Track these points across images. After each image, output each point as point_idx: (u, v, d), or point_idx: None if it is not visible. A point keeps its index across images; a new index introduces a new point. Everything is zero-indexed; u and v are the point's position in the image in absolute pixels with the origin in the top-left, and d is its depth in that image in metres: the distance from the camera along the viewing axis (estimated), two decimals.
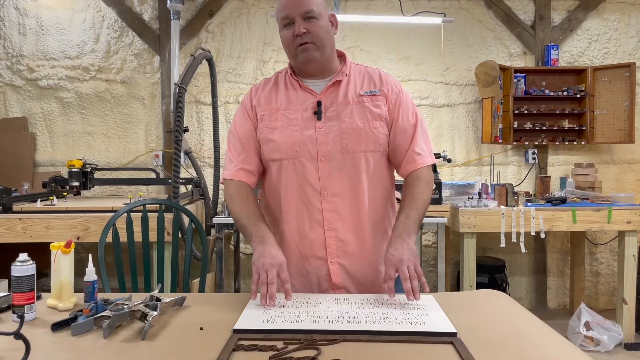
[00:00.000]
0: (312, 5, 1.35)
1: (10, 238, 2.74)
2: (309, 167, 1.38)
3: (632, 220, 3.20)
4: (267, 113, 1.42)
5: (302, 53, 1.37)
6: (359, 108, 1.39)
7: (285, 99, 1.42)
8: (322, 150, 1.37)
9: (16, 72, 3.90)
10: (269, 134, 1.41)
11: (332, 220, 1.39)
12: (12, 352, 0.95)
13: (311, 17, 1.35)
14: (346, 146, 1.37)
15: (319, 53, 1.38)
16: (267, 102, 1.44)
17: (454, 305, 1.24)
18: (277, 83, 1.47)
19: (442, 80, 3.98)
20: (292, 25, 1.36)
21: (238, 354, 0.96)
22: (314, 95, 1.41)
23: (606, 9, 3.96)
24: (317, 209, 1.39)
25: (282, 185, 1.42)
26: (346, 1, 3.92)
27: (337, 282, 1.42)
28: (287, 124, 1.39)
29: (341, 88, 1.42)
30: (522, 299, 4.01)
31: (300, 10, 1.34)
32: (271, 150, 1.41)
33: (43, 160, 3.92)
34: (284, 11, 1.36)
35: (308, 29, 1.34)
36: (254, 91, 1.49)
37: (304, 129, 1.38)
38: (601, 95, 3.81)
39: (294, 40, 1.36)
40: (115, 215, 1.99)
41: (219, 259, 3.12)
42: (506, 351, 0.97)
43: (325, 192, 1.38)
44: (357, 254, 1.42)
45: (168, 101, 3.83)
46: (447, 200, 3.39)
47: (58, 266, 1.27)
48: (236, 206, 1.43)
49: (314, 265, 1.42)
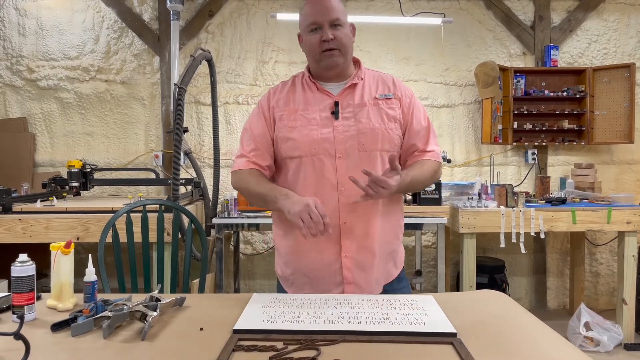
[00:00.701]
0: (339, 14, 1.45)
1: (10, 238, 2.74)
2: (327, 164, 1.43)
3: (632, 220, 3.20)
4: (286, 113, 1.49)
5: (327, 58, 1.45)
6: (375, 110, 1.47)
7: (303, 100, 1.49)
8: (340, 148, 1.43)
9: (16, 72, 3.90)
10: (288, 132, 1.46)
11: (348, 216, 1.44)
12: (12, 352, 0.95)
13: (337, 24, 1.44)
14: (363, 145, 1.44)
15: (343, 59, 1.47)
16: (286, 103, 1.50)
17: (454, 306, 1.24)
18: (295, 85, 1.54)
19: (442, 80, 3.98)
20: (319, 30, 1.44)
21: (238, 354, 0.96)
22: (331, 97, 1.48)
23: (606, 10, 3.96)
24: (334, 204, 1.43)
25: (300, 182, 1.46)
26: (346, 1, 3.92)
27: (348, 277, 1.45)
28: (306, 124, 1.46)
29: (357, 91, 1.49)
30: (522, 299, 4.01)
31: (329, 17, 1.43)
32: (290, 148, 1.46)
33: (43, 161, 3.92)
34: (312, 17, 1.45)
35: (335, 35, 1.43)
36: (272, 93, 1.55)
37: (322, 128, 1.45)
38: (601, 95, 3.81)
39: (320, 45, 1.44)
40: (115, 215, 1.99)
41: (218, 259, 3.12)
42: (506, 351, 0.98)
43: (342, 188, 1.43)
44: (369, 250, 1.46)
45: (168, 102, 3.84)
46: (447, 200, 3.39)
47: (58, 266, 1.27)
48: (250, 183, 1.47)
49: (328, 261, 1.45)
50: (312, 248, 1.45)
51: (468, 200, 3.31)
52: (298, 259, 1.48)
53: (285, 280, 1.55)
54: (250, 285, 3.99)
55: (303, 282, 1.50)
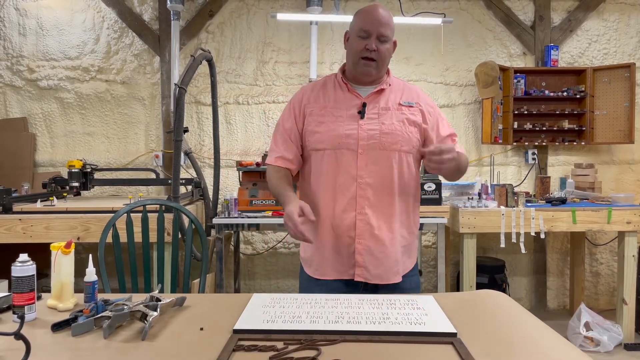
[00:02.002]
0: (389, 31, 1.56)
1: (11, 238, 2.74)
2: (349, 157, 1.56)
3: (632, 220, 3.20)
4: (317, 109, 1.62)
5: (364, 66, 1.57)
6: (398, 114, 1.60)
7: (334, 99, 1.63)
8: (362, 145, 1.56)
9: (16, 72, 3.90)
10: (316, 127, 1.60)
11: (363, 205, 1.56)
12: (12, 352, 0.95)
13: (384, 40, 1.56)
14: (383, 143, 1.56)
15: (377, 71, 1.59)
16: (316, 101, 1.64)
17: (454, 306, 1.25)
18: (326, 85, 1.68)
19: (442, 80, 3.98)
20: (366, 39, 1.55)
21: (238, 354, 0.96)
22: (360, 98, 1.61)
23: (606, 10, 3.96)
24: (352, 194, 1.56)
25: (323, 173, 1.59)
26: (346, 1, 3.93)
27: (360, 261, 1.56)
28: (333, 120, 1.59)
29: (384, 95, 1.62)
30: (522, 299, 4.01)
31: (380, 30, 1.54)
32: (316, 141, 1.60)
33: (43, 161, 3.92)
34: (366, 25, 1.55)
35: (378, 48, 1.55)
36: (304, 90, 1.70)
37: (347, 125, 1.57)
38: (601, 95, 3.81)
39: (363, 51, 1.55)
40: (115, 215, 1.99)
41: (219, 259, 3.12)
42: (506, 351, 0.98)
43: (361, 180, 1.56)
44: (381, 239, 1.57)
45: (168, 102, 3.84)
46: (447, 200, 3.39)
47: (58, 266, 1.27)
48: (272, 181, 1.65)
49: (345, 243, 1.57)
50: (328, 232, 1.58)
51: (468, 200, 3.31)
52: (316, 241, 1.60)
53: (305, 262, 1.69)
54: (250, 285, 4.00)
55: (320, 263, 1.62)
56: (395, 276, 1.59)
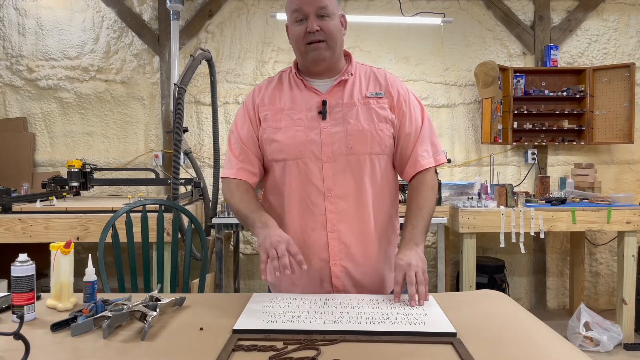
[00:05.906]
0: (327, 2, 1.33)
1: (10, 238, 2.74)
2: (313, 167, 1.36)
3: (632, 220, 3.20)
4: (271, 113, 1.40)
5: (312, 51, 1.35)
6: (365, 109, 1.38)
7: (290, 99, 1.40)
8: (327, 151, 1.35)
9: (16, 72, 3.90)
10: (272, 134, 1.39)
11: (335, 222, 1.37)
12: (11, 352, 0.95)
13: (325, 14, 1.33)
14: (351, 148, 1.35)
15: (330, 52, 1.36)
16: (271, 102, 1.42)
17: (454, 306, 1.24)
18: (282, 82, 1.45)
19: (441, 80, 3.98)
20: (304, 21, 1.34)
21: (238, 354, 0.96)
22: (319, 95, 1.39)
23: (606, 10, 3.96)
24: (321, 210, 1.37)
25: (286, 186, 1.39)
26: (346, 1, 3.92)
27: (338, 285, 1.40)
28: (291, 124, 1.37)
29: (347, 88, 1.40)
30: (522, 299, 4.01)
31: (315, 6, 1.32)
32: (275, 151, 1.39)
33: (42, 161, 3.92)
34: (297, 4, 1.34)
35: (321, 26, 1.32)
36: (257, 90, 1.47)
37: (308, 129, 1.36)
38: (601, 95, 3.81)
39: (305, 36, 1.34)
40: (115, 215, 1.99)
41: (218, 259, 3.12)
42: (506, 351, 0.97)
43: (329, 193, 1.36)
44: (360, 258, 1.40)
45: (168, 101, 3.83)
46: (447, 200, 3.39)
47: (58, 266, 1.27)
48: (235, 198, 1.40)
49: (317, 267, 1.39)
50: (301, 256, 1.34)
51: (468, 200, 3.31)
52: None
53: (273, 287, 1.51)
54: (250, 285, 3.99)
55: (289, 290, 1.44)
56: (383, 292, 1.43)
